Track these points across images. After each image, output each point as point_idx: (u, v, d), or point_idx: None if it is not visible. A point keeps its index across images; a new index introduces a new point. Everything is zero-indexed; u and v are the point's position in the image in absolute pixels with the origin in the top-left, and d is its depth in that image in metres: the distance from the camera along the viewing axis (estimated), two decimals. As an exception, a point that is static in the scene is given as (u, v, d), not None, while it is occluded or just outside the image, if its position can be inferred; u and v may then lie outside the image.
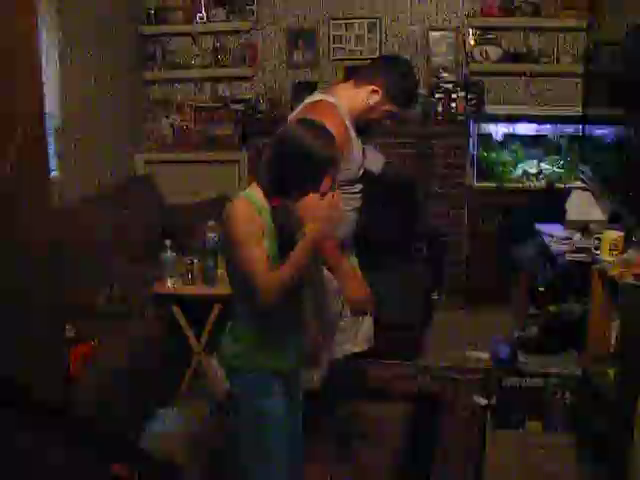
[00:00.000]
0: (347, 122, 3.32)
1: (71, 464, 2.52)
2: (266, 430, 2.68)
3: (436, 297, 5.96)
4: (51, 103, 4.82)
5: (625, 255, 3.54)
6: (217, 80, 6.55)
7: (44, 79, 4.57)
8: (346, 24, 6.34)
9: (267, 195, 2.56)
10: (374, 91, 3.33)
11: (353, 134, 3.35)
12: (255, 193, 2.58)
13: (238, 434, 2.76)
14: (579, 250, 4.14)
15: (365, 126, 3.51)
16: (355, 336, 3.74)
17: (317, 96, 3.44)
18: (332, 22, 6.34)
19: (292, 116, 3.39)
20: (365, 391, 4.59)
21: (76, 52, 5.25)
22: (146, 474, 1.91)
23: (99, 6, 5.58)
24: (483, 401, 4.37)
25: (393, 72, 3.38)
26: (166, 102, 6.56)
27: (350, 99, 3.37)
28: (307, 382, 3.49)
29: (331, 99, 3.36)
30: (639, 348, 2.93)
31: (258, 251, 2.49)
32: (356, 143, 3.38)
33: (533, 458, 3.83)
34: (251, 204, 2.53)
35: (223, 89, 6.57)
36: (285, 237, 2.56)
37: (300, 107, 3.44)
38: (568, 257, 4.14)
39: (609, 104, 4.59)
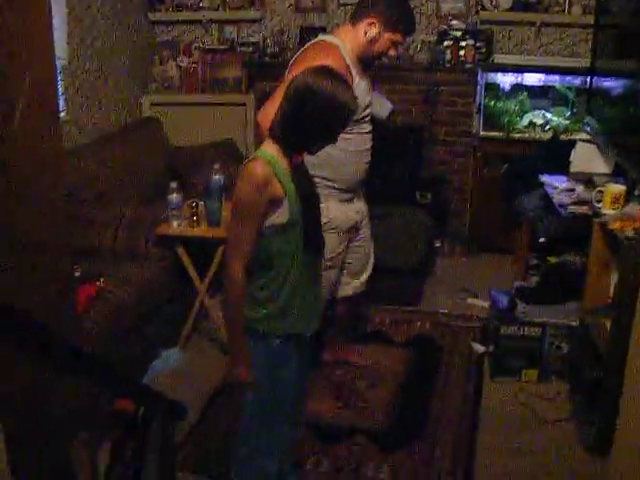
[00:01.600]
0: (348, 60, 3.40)
1: (75, 398, 2.58)
2: (277, 389, 2.70)
3: (439, 244, 6.00)
4: (58, 44, 4.81)
5: (626, 208, 3.57)
6: (225, 22, 6.50)
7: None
8: (356, -32, 6.26)
9: (285, 151, 2.49)
10: (371, 24, 3.42)
11: (355, 72, 3.43)
12: (272, 152, 2.48)
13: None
14: (581, 202, 4.17)
15: (372, 62, 3.60)
16: (359, 277, 3.89)
17: (317, 38, 3.55)
18: (342, -35, 6.26)
19: (293, 60, 3.48)
20: (367, 335, 4.68)
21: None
22: (151, 410, 1.97)
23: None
24: (481, 348, 4.44)
25: (385, 1, 3.44)
26: (173, 44, 6.52)
27: (350, 39, 3.47)
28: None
29: (332, 39, 3.46)
30: (635, 300, 2.96)
31: (248, 231, 2.47)
32: (360, 82, 3.46)
33: (529, 404, 3.92)
34: (268, 166, 2.44)
35: (230, 32, 6.52)
36: (306, 194, 2.56)
37: (301, 50, 3.53)
38: (570, 209, 4.16)
39: (618, 56, 4.57)
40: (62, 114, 5.00)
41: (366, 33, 3.42)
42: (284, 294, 2.58)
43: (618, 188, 3.69)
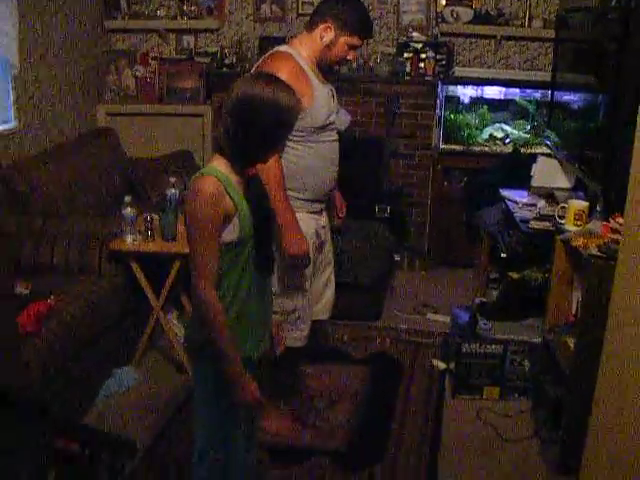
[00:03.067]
0: (306, 67, 3.34)
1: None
2: (228, 411, 2.58)
3: (398, 258, 5.94)
4: (10, 50, 4.68)
5: (589, 225, 3.53)
6: (182, 32, 6.40)
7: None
8: (316, -22, 6.21)
9: (234, 166, 2.41)
10: (326, 28, 3.36)
11: (315, 79, 3.37)
12: (221, 168, 2.40)
13: (197, 406, 2.68)
14: (543, 218, 4.14)
15: (331, 67, 3.54)
16: (319, 303, 3.78)
17: (273, 50, 3.47)
18: (301, -24, 6.20)
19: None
20: (325, 352, 4.59)
21: (37, -1, 5.09)
22: (98, 451, 1.86)
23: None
24: (442, 365, 4.39)
25: (340, 4, 3.38)
26: (129, 53, 6.39)
27: (307, 46, 3.41)
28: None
29: (286, 49, 3.41)
30: (601, 320, 2.91)
31: (210, 250, 2.36)
32: (321, 89, 3.40)
33: (491, 423, 3.87)
34: (219, 183, 2.35)
35: (188, 41, 6.42)
36: (258, 209, 2.48)
37: (257, 63, 3.48)
38: (532, 225, 4.13)
39: (578, 70, 4.56)
40: (13, 124, 4.87)
41: (322, 38, 3.36)
42: (231, 315, 2.47)
43: (581, 204, 3.64)
